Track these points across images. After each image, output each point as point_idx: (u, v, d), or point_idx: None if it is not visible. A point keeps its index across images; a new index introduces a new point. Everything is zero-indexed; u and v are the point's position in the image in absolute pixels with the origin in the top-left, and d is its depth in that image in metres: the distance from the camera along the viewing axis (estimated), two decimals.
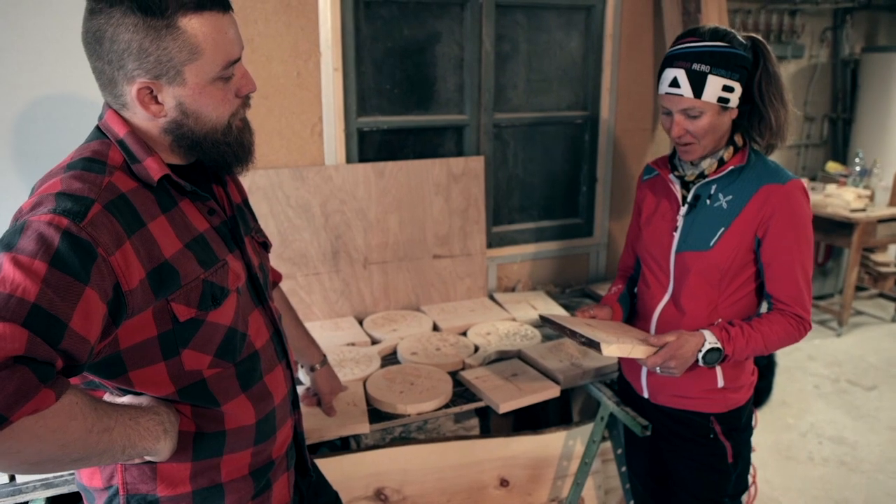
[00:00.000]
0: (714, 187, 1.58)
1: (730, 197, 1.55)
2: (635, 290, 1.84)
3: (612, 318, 1.76)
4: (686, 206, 1.61)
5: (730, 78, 1.46)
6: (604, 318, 1.74)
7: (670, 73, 1.50)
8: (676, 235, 1.62)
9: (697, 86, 1.46)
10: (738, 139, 1.57)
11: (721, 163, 1.56)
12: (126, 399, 1.04)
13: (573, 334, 1.55)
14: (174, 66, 0.98)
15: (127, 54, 0.96)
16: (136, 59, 0.96)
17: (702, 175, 1.58)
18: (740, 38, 1.49)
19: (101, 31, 0.95)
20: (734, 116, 1.53)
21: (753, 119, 1.56)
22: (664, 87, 1.52)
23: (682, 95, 1.48)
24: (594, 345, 1.47)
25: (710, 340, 1.51)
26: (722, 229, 1.54)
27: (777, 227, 1.51)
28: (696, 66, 1.46)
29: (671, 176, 1.65)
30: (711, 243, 1.55)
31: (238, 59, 1.05)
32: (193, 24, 0.97)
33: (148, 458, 1.05)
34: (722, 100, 1.47)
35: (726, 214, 1.54)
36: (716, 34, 1.49)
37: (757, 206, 1.51)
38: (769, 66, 1.51)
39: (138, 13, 0.93)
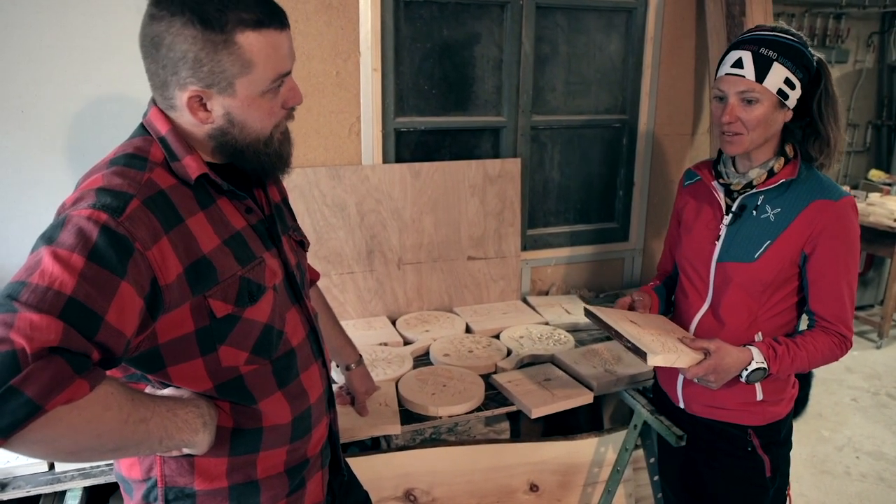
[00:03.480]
0: (762, 198, 1.53)
1: (778, 210, 1.51)
2: (672, 297, 1.81)
3: (650, 305, 1.74)
4: (730, 215, 1.58)
5: (794, 73, 1.43)
6: (643, 304, 1.72)
7: (735, 55, 1.46)
8: (718, 245, 1.59)
9: (762, 70, 1.42)
10: (789, 150, 1.53)
11: (771, 174, 1.52)
12: (167, 391, 1.05)
13: (618, 336, 1.53)
14: (226, 78, 0.99)
15: (182, 63, 0.97)
16: (190, 69, 0.97)
17: (749, 185, 1.55)
18: (808, 43, 1.48)
19: (160, 37, 0.97)
20: (787, 119, 1.49)
21: (810, 136, 1.52)
22: (725, 69, 1.48)
23: (743, 76, 1.44)
24: (639, 353, 1.46)
25: (758, 360, 1.48)
26: (768, 242, 1.51)
27: (826, 244, 1.47)
28: (763, 51, 1.43)
29: (715, 183, 1.62)
30: (756, 255, 1.52)
31: (288, 73, 1.06)
32: (250, 40, 0.98)
33: (187, 451, 1.06)
34: (782, 93, 1.44)
35: (773, 227, 1.51)
36: (787, 30, 1.47)
37: (806, 222, 1.47)
38: (829, 87, 1.48)
39: (198, 26, 0.95)
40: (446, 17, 2.51)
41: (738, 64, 1.45)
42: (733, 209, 1.57)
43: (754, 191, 1.54)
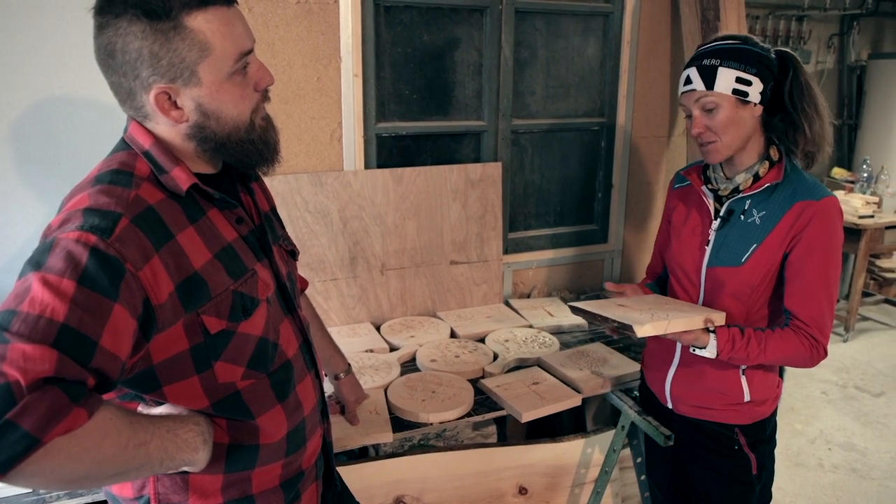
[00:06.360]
0: (748, 202, 1.56)
1: (763, 213, 1.53)
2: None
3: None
4: (719, 220, 1.60)
5: (744, 71, 1.46)
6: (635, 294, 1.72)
7: (684, 74, 1.54)
8: (708, 250, 1.61)
9: (708, 78, 1.48)
10: (774, 153, 1.55)
11: (756, 178, 1.54)
12: (163, 409, 1.03)
13: (605, 320, 1.52)
14: (188, 67, 0.97)
15: (140, 62, 0.95)
16: (149, 66, 0.95)
17: (736, 190, 1.57)
18: (757, 41, 1.50)
19: (112, 44, 0.95)
20: (758, 114, 1.51)
21: (788, 129, 1.55)
22: (680, 89, 1.55)
23: (694, 90, 1.50)
24: (627, 328, 1.43)
25: (710, 351, 1.50)
26: (754, 245, 1.53)
27: (805, 242, 1.48)
28: (706, 62, 1.49)
29: (705, 188, 1.64)
30: (743, 259, 1.54)
31: (250, 51, 1.04)
32: (199, 22, 0.96)
33: (184, 469, 1.04)
34: (738, 92, 1.47)
35: (759, 230, 1.53)
36: (728, 36, 1.52)
37: (790, 223, 1.49)
38: (799, 76, 1.50)
39: (144, 19, 0.93)
40: (426, 21, 2.50)
41: (688, 81, 1.52)
42: (721, 214, 1.60)
43: (741, 195, 1.56)
